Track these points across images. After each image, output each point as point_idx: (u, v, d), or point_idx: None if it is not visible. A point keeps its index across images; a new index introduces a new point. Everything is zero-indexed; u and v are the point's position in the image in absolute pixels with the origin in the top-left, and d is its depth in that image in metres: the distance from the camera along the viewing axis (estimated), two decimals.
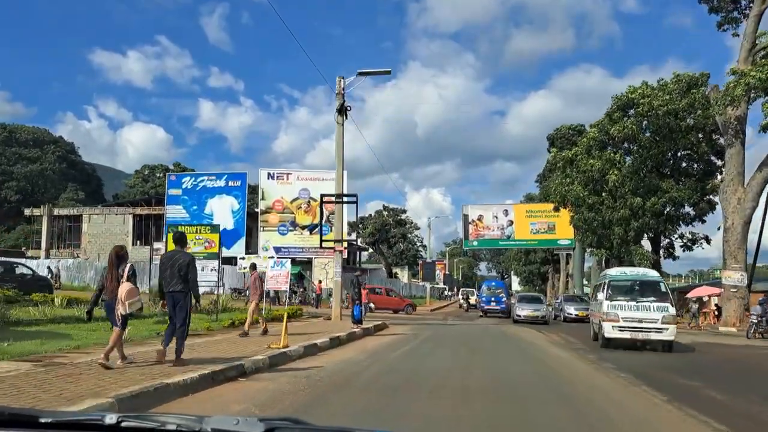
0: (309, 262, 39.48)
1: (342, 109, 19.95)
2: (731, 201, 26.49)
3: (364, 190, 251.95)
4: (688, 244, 33.30)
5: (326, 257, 32.47)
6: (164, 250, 16.01)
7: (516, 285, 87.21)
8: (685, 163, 32.70)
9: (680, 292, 34.67)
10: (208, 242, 15.70)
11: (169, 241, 15.90)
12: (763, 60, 24.95)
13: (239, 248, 35.17)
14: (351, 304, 17.92)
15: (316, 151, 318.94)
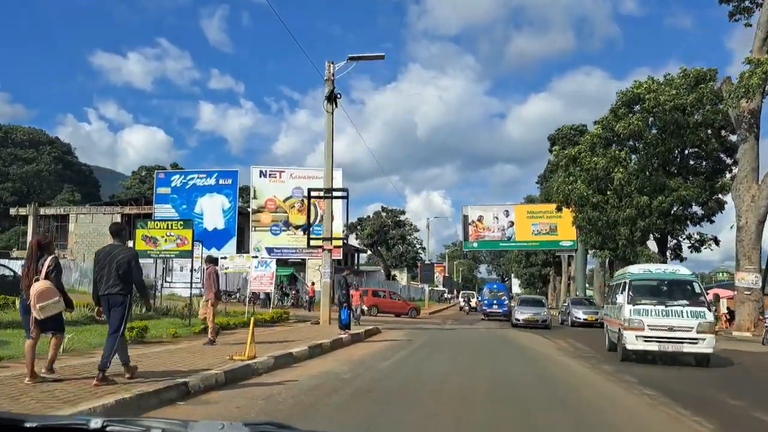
0: (303, 263, 38.43)
1: (331, 96, 18.58)
2: (745, 199, 25.14)
3: (364, 193, 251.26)
4: (696, 245, 31.95)
5: (320, 258, 31.37)
6: None
7: (516, 288, 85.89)
8: (693, 161, 31.41)
9: None
10: (181, 239, 14.22)
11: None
12: None
13: (230, 248, 33.80)
14: (339, 307, 16.48)
15: (316, 153, 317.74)
